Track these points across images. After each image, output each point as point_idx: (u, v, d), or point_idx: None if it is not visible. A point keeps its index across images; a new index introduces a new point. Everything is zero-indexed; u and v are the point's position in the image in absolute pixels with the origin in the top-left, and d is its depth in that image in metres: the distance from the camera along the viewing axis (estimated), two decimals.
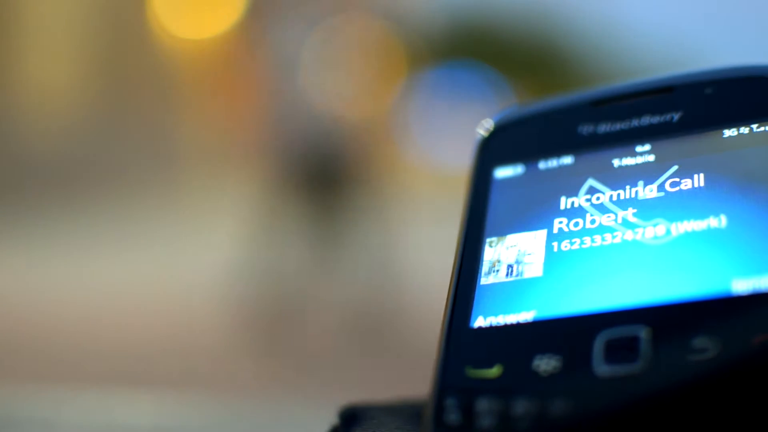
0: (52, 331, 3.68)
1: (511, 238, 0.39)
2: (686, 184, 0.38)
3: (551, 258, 0.38)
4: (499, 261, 0.39)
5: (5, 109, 7.01)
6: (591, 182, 0.40)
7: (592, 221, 0.38)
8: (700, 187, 0.37)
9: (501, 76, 8.45)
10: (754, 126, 0.38)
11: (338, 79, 3.46)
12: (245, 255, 3.51)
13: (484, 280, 0.38)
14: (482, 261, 0.39)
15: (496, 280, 0.38)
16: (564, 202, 0.40)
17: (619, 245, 0.37)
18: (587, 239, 0.38)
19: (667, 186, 0.38)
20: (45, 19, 7.23)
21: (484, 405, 0.33)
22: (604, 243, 0.37)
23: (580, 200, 0.40)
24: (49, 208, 6.38)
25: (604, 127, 0.41)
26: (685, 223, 0.36)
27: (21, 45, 7.18)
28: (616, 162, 0.40)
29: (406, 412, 0.42)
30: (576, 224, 0.39)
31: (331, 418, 0.45)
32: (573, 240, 0.38)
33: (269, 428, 0.45)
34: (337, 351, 3.20)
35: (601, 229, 0.38)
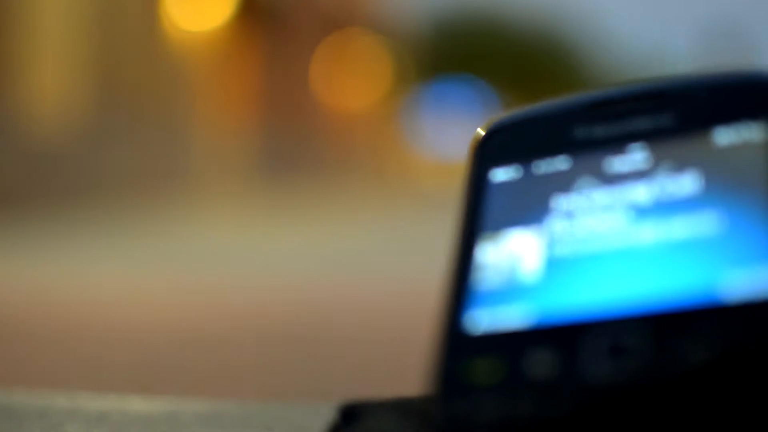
0: (51, 328, 3.67)
1: (507, 241, 0.40)
2: (679, 187, 0.38)
3: (546, 261, 0.38)
4: (495, 263, 0.39)
5: (15, 111, 6.99)
6: (586, 185, 0.40)
7: (587, 224, 0.39)
8: (693, 190, 0.38)
9: (495, 88, 8.45)
10: (748, 129, 0.38)
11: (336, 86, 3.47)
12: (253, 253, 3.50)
13: (480, 282, 0.39)
14: (478, 263, 0.39)
15: (492, 282, 0.39)
16: (559, 205, 0.40)
17: (612, 249, 0.37)
18: (582, 242, 0.38)
19: (660, 190, 0.38)
20: (49, 22, 7.21)
21: (480, 407, 0.34)
22: (598, 246, 0.38)
23: (575, 203, 0.40)
24: (49, 208, 6.37)
25: (599, 130, 0.42)
26: (678, 227, 0.37)
27: (26, 48, 7.16)
28: (610, 165, 0.40)
29: (405, 409, 0.42)
30: (571, 227, 0.39)
31: (331, 415, 0.45)
32: (567, 243, 0.39)
33: (269, 426, 0.45)
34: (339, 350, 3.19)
35: (595, 233, 0.38)
